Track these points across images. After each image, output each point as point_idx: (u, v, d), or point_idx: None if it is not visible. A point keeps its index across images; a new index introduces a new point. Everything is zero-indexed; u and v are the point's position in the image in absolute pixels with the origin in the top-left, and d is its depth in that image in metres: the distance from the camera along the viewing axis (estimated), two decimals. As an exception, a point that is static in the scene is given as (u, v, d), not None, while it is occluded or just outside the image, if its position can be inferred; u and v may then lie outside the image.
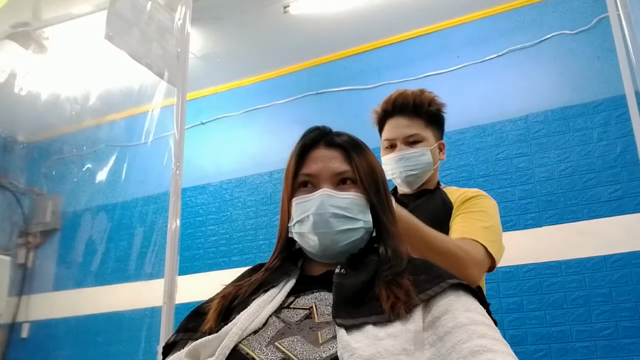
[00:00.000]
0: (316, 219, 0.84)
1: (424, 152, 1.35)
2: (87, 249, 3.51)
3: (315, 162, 0.89)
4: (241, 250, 3.19)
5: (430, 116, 1.38)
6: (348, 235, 0.86)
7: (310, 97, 3.28)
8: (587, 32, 2.67)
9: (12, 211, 3.72)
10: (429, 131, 1.38)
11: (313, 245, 0.86)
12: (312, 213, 0.85)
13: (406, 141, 1.35)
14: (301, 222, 0.87)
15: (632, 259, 2.30)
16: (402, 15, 2.97)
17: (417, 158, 1.34)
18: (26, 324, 3.59)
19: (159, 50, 1.88)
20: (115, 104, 3.25)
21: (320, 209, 0.85)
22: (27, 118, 3.55)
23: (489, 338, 0.67)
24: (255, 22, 3.01)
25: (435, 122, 1.41)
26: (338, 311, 0.73)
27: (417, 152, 1.34)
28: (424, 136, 1.36)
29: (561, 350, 2.30)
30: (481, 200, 1.30)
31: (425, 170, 1.36)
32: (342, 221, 0.85)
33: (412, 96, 1.37)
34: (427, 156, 1.35)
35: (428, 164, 1.35)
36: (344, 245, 0.86)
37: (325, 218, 0.84)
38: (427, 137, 1.37)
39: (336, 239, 0.85)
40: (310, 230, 0.85)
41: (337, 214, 0.85)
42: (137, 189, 3.46)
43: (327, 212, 0.84)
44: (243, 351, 0.71)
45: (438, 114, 1.41)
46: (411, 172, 1.35)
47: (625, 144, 2.43)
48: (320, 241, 0.85)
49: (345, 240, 0.86)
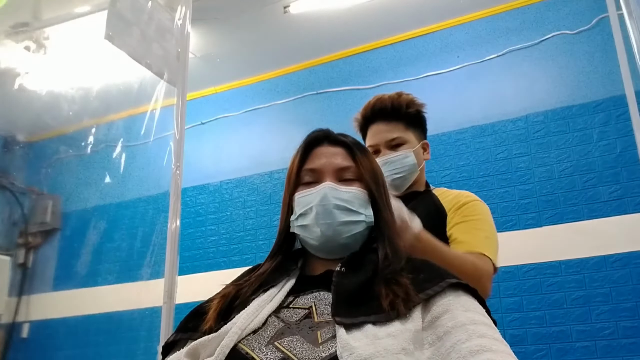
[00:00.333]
0: (319, 210, 0.85)
1: (407, 154, 1.36)
2: (87, 249, 3.51)
3: (319, 158, 0.91)
4: (241, 250, 3.19)
5: (409, 118, 1.39)
6: (350, 228, 0.86)
7: (310, 97, 3.28)
8: (587, 32, 2.68)
9: (12, 211, 3.73)
10: (410, 133, 1.39)
11: (315, 237, 0.86)
12: (316, 205, 0.86)
13: (388, 145, 1.37)
14: (304, 215, 0.88)
15: (632, 259, 2.30)
16: (402, 15, 2.97)
17: (401, 161, 1.36)
18: (26, 324, 3.59)
19: (159, 50, 1.88)
20: (115, 103, 3.25)
21: (323, 200, 0.86)
22: (27, 118, 3.55)
23: (489, 338, 0.67)
24: (255, 22, 3.01)
25: (416, 123, 1.42)
26: (337, 309, 0.74)
27: (401, 155, 1.36)
28: (405, 139, 1.38)
29: (561, 350, 2.30)
30: (476, 207, 1.32)
31: (411, 172, 1.37)
32: (345, 213, 0.86)
33: (390, 100, 1.39)
34: (411, 158, 1.36)
35: (413, 166, 1.37)
36: (346, 238, 0.86)
37: (329, 209, 0.85)
38: (409, 139, 1.38)
39: (339, 230, 0.85)
40: (313, 222, 0.86)
41: (340, 206, 0.86)
42: (137, 189, 3.46)
43: (331, 204, 0.85)
44: (242, 351, 0.71)
45: (418, 115, 1.42)
46: (397, 175, 1.36)
47: (625, 144, 2.43)
48: (323, 232, 0.85)
49: (347, 233, 0.86)
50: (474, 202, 1.33)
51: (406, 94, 1.41)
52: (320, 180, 0.89)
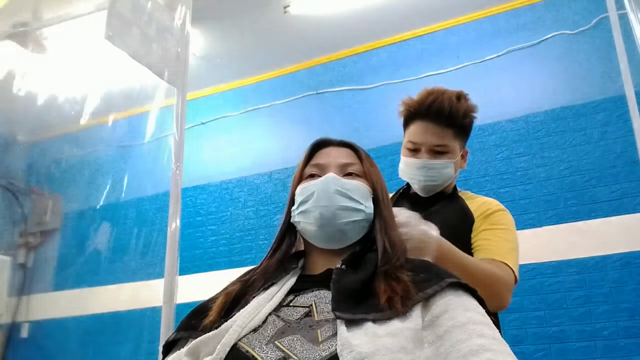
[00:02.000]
0: (320, 194, 0.87)
1: (448, 164, 1.30)
2: (87, 249, 3.51)
3: (326, 156, 0.94)
4: (241, 250, 3.19)
5: (462, 128, 1.32)
6: (349, 214, 0.86)
7: (310, 97, 3.28)
8: (587, 32, 2.68)
9: (12, 211, 3.73)
10: (457, 142, 1.32)
11: (314, 220, 0.86)
12: (317, 190, 0.87)
13: (432, 150, 1.29)
14: (305, 201, 0.89)
15: (632, 259, 2.30)
16: (401, 15, 2.97)
17: (440, 170, 1.29)
18: (26, 324, 3.59)
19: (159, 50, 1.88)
20: (115, 104, 3.25)
21: (325, 185, 0.87)
22: (27, 118, 3.55)
23: (488, 337, 0.67)
24: (255, 22, 3.01)
25: (465, 133, 1.35)
26: (338, 304, 0.74)
27: (442, 164, 1.29)
28: (451, 148, 1.30)
29: (561, 350, 2.30)
30: (504, 217, 1.29)
31: (446, 181, 1.32)
32: (345, 199, 0.87)
33: (449, 104, 1.28)
34: (450, 169, 1.31)
35: (450, 177, 1.32)
36: (344, 224, 0.86)
37: (330, 193, 0.86)
38: (454, 148, 1.31)
39: (338, 214, 0.86)
40: (313, 205, 0.87)
41: (340, 192, 0.87)
42: (137, 189, 3.46)
43: (332, 189, 0.87)
44: (243, 349, 0.71)
45: (470, 125, 1.34)
46: (432, 183, 1.31)
47: (625, 144, 2.43)
48: (321, 214, 0.85)
49: (346, 218, 0.86)
50: (503, 212, 1.30)
51: (465, 98, 1.33)
52: (325, 173, 0.90)
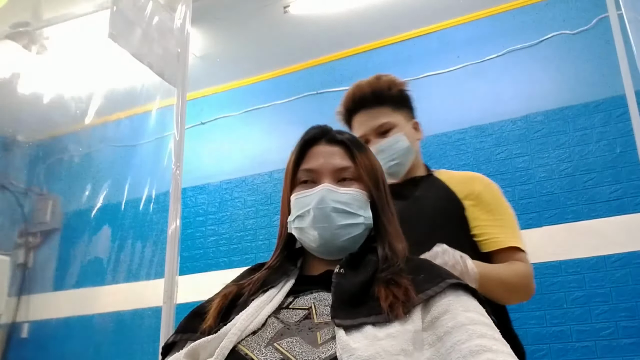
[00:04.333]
0: (317, 214, 0.84)
1: (398, 138, 1.28)
2: (87, 249, 3.51)
3: (317, 158, 0.89)
4: (241, 250, 3.19)
5: (394, 99, 1.31)
6: (349, 231, 0.85)
7: (310, 97, 3.28)
8: (587, 32, 2.67)
9: (12, 211, 3.72)
10: (398, 115, 1.31)
11: (313, 240, 0.85)
12: (313, 207, 0.84)
13: (377, 132, 1.29)
14: (301, 217, 0.86)
15: (632, 259, 2.30)
16: (402, 15, 2.97)
17: (393, 146, 1.27)
18: (26, 324, 3.59)
19: (159, 50, 1.88)
20: (115, 104, 3.25)
21: (321, 203, 0.84)
22: (27, 118, 3.55)
23: (489, 338, 0.67)
24: (255, 22, 3.01)
25: (402, 103, 1.33)
26: (337, 311, 0.73)
27: (392, 140, 1.27)
28: (393, 122, 1.29)
29: (561, 350, 2.30)
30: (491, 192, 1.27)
31: (406, 156, 1.29)
32: (343, 216, 0.85)
33: (369, 86, 1.31)
34: (403, 141, 1.28)
35: (407, 149, 1.29)
36: (345, 241, 0.85)
37: (327, 212, 0.84)
38: (397, 121, 1.30)
39: (337, 234, 0.84)
40: (310, 225, 0.85)
41: (337, 209, 0.84)
42: (137, 189, 3.46)
43: (328, 207, 0.84)
44: (242, 352, 0.71)
45: (402, 94, 1.34)
46: (392, 162, 1.28)
47: (625, 144, 2.43)
48: (320, 235, 0.84)
49: (346, 236, 0.85)
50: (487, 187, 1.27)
51: (385, 75, 1.33)
52: (318, 181, 0.87)
